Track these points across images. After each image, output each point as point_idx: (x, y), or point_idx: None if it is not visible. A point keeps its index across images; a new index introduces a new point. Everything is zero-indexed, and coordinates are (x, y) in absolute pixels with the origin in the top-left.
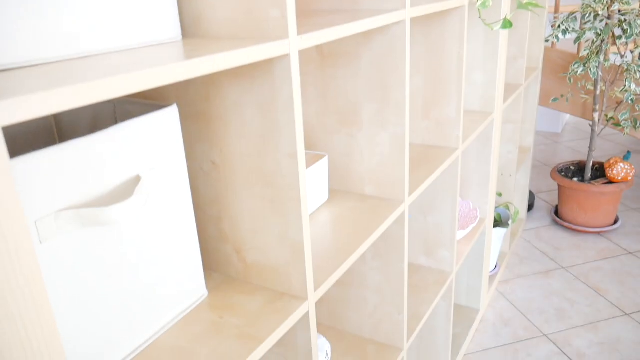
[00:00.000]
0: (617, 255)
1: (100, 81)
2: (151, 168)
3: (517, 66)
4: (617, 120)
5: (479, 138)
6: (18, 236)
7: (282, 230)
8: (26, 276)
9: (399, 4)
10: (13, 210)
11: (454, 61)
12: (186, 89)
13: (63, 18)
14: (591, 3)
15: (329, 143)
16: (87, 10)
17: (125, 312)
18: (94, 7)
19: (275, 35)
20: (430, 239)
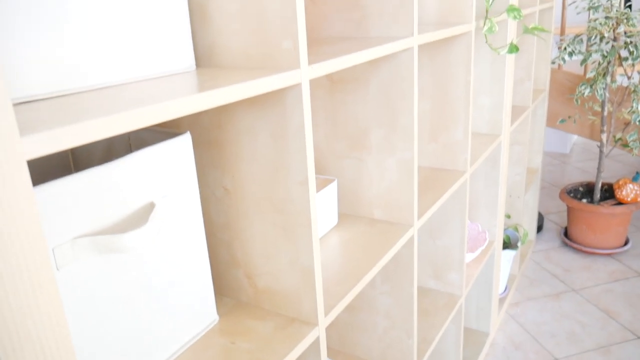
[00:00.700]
0: (628, 277)
1: (119, 115)
2: (165, 195)
3: (524, 88)
4: (625, 141)
5: (487, 160)
6: (39, 264)
7: (293, 255)
8: (46, 303)
9: (406, 32)
10: (36, 239)
11: (461, 85)
12: (199, 116)
13: (80, 50)
14: (597, 25)
15: (338, 167)
16: (103, 42)
17: (137, 337)
18: (110, 39)
19: (287, 65)
20: (440, 262)
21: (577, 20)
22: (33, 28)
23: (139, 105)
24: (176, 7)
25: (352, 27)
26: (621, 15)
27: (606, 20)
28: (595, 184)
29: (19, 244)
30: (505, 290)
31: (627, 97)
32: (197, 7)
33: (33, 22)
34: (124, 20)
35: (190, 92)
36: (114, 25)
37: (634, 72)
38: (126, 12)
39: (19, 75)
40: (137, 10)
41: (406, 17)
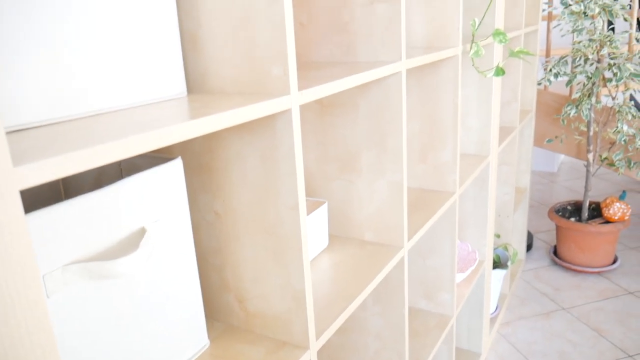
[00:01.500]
0: (618, 295)
1: (111, 144)
2: (156, 220)
3: (511, 109)
4: (611, 161)
5: (476, 181)
6: (30, 291)
7: (284, 279)
8: (37, 330)
9: (394, 56)
10: (28, 267)
11: (449, 107)
12: (190, 142)
13: (73, 78)
14: (581, 47)
15: (328, 189)
16: (96, 69)
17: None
18: (103, 67)
19: (278, 92)
20: (430, 283)
21: (562, 43)
22: (27, 57)
23: (131, 134)
24: (167, 34)
25: (341, 51)
26: (604, 37)
27: (590, 42)
28: (583, 203)
29: (11, 271)
30: (496, 310)
31: (612, 117)
32: (188, 35)
33: (27, 51)
34: (116, 48)
35: (182, 120)
36: (106, 54)
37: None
38: (118, 40)
39: (12, 103)
40: (129, 38)
41: (394, 42)
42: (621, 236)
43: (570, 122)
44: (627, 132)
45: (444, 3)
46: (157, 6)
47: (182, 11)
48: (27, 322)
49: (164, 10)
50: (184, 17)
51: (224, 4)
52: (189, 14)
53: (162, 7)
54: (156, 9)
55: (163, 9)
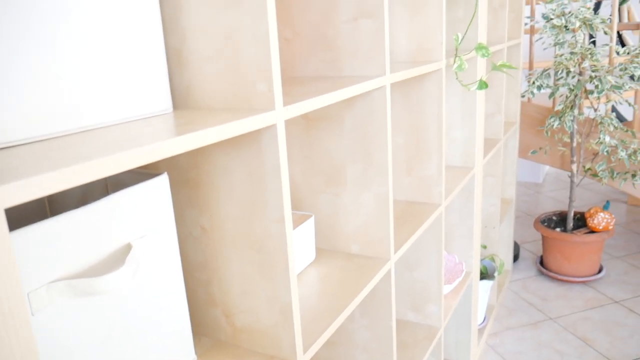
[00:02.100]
0: (603, 305)
1: (96, 162)
2: (142, 236)
3: (496, 122)
4: (595, 171)
5: (462, 192)
6: (15, 309)
7: (271, 293)
8: (22, 348)
9: (379, 71)
10: (12, 285)
11: (433, 120)
12: (176, 157)
13: (60, 95)
14: (563, 60)
15: (315, 202)
16: (81, 86)
17: None
18: (88, 83)
19: (263, 107)
20: (418, 295)
21: (545, 55)
22: (15, 74)
23: (117, 151)
24: (153, 51)
25: (326, 66)
26: (585, 50)
27: (571, 55)
28: (568, 213)
29: None
30: (484, 321)
31: (595, 128)
32: (174, 51)
33: (15, 69)
34: (103, 65)
35: (167, 136)
36: (93, 71)
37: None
38: (104, 57)
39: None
40: (114, 55)
41: (378, 57)
42: (606, 245)
43: (554, 134)
44: (609, 143)
45: (426, 18)
46: (142, 23)
47: (168, 27)
48: (11, 341)
49: (149, 27)
50: (169, 34)
51: (208, 20)
52: (174, 30)
53: (148, 24)
54: (141, 26)
55: (148, 26)
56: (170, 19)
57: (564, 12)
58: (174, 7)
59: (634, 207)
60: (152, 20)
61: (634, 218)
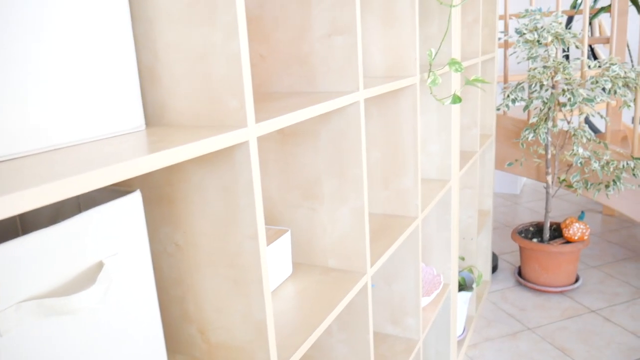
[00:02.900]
0: (580, 314)
1: (68, 180)
2: (114, 253)
3: (471, 134)
4: (569, 182)
5: (439, 205)
6: None
7: (246, 309)
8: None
9: (352, 87)
10: None
11: (409, 134)
12: (150, 173)
13: (30, 113)
14: (536, 74)
15: (291, 217)
16: (52, 104)
17: None
18: (60, 101)
19: (235, 124)
20: (396, 307)
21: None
22: None
23: (88, 169)
24: (125, 69)
25: (301, 82)
26: (558, 64)
27: (544, 69)
28: (544, 224)
29: None
30: (463, 332)
31: (568, 140)
32: (146, 69)
33: None
34: (74, 83)
35: (139, 154)
36: (64, 89)
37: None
38: (74, 74)
39: None
40: (86, 73)
41: (351, 72)
42: (582, 255)
43: (529, 146)
44: (583, 154)
45: (400, 34)
46: (113, 41)
47: (140, 45)
48: None
49: (120, 45)
50: (142, 51)
51: (181, 38)
52: (146, 48)
53: (119, 42)
54: (113, 44)
55: (120, 44)
56: (142, 37)
57: (537, 27)
58: (146, 25)
59: (608, 217)
60: (123, 38)
61: (609, 228)
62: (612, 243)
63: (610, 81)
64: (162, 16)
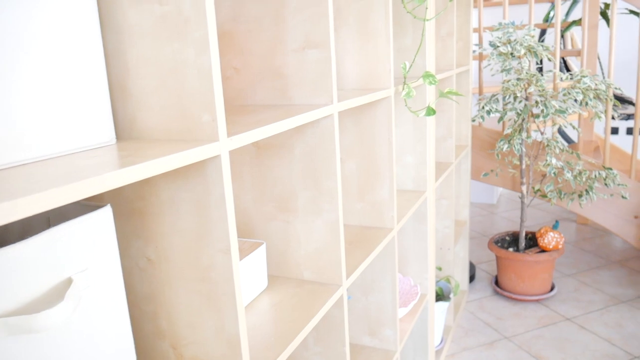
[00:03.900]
0: (556, 322)
1: (35, 196)
2: (84, 269)
3: (447, 146)
4: (544, 192)
5: (415, 216)
6: None
7: (219, 324)
8: None
9: (326, 100)
10: None
11: (384, 146)
12: (121, 187)
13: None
14: (510, 86)
15: (266, 230)
16: (18, 118)
17: None
18: (28, 115)
19: (207, 138)
20: (373, 319)
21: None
22: None
23: (57, 185)
24: (95, 83)
25: (275, 95)
26: (531, 76)
27: (518, 81)
28: (520, 233)
29: None
30: (441, 342)
31: (542, 151)
32: (117, 82)
33: None
34: (42, 97)
35: (109, 169)
36: (32, 103)
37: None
38: (43, 88)
39: None
40: (54, 88)
41: (325, 85)
42: (557, 264)
43: (504, 156)
44: (556, 165)
45: (374, 47)
46: (83, 56)
47: (111, 60)
48: None
49: (90, 59)
50: (113, 66)
51: (152, 53)
52: (117, 62)
53: (88, 57)
54: (82, 58)
55: (89, 58)
56: (113, 52)
57: (510, 40)
58: (116, 40)
59: (583, 225)
60: (93, 53)
61: (583, 236)
62: (586, 251)
63: (581, 93)
64: (133, 31)
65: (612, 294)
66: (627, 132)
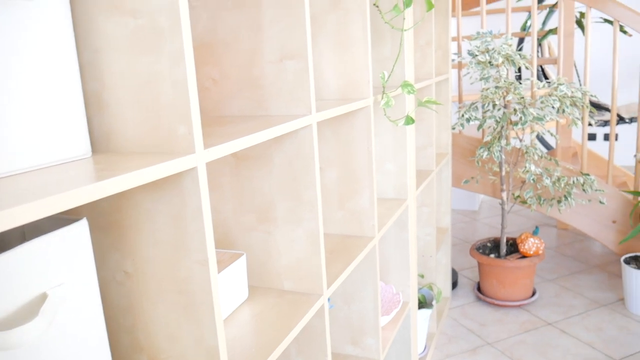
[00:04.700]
0: (538, 327)
1: (9, 210)
2: (59, 284)
3: (427, 154)
4: (523, 199)
5: (396, 224)
6: None
7: (197, 336)
8: None
9: (305, 110)
10: None
11: (364, 155)
12: (98, 200)
13: None
14: (489, 94)
15: (246, 240)
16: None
17: None
18: (1, 130)
19: (183, 150)
20: (356, 327)
21: (474, 89)
22: None
23: (31, 199)
24: (69, 97)
25: (253, 105)
26: (509, 84)
27: (496, 89)
28: (501, 240)
29: None
30: (424, 350)
31: (521, 158)
32: (93, 95)
33: None
34: (14, 111)
35: (84, 183)
36: (6, 117)
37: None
38: (18, 102)
39: None
40: (29, 101)
41: (303, 96)
42: (538, 269)
43: (484, 164)
44: (535, 171)
45: (353, 57)
46: (57, 69)
47: (86, 73)
48: None
49: (65, 72)
50: (88, 79)
51: (127, 66)
52: (93, 75)
53: (63, 70)
54: (57, 71)
55: (64, 72)
56: (88, 65)
57: (488, 49)
58: (92, 53)
59: (563, 230)
60: (68, 67)
61: (563, 241)
62: (567, 256)
63: (558, 100)
64: (108, 44)
65: (593, 298)
66: (604, 138)
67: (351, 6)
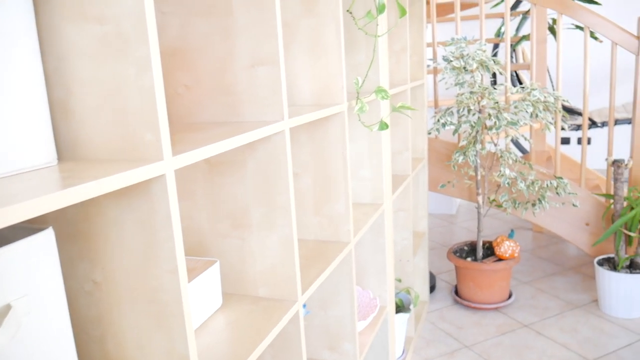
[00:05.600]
0: (514, 329)
1: None
2: (24, 295)
3: (403, 158)
4: (499, 202)
5: (372, 228)
6: None
7: (169, 345)
8: None
9: (277, 116)
10: None
11: (339, 160)
12: (65, 209)
13: None
14: (464, 99)
15: (221, 247)
16: None
17: None
18: None
19: (151, 157)
20: (333, 333)
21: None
22: None
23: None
24: (34, 104)
25: (226, 112)
26: (483, 90)
27: (471, 94)
28: (477, 243)
29: None
30: (403, 354)
31: (496, 162)
32: (58, 102)
33: None
34: None
35: (48, 191)
36: None
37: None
38: None
39: None
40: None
41: (276, 102)
42: (514, 272)
43: (460, 168)
44: (509, 175)
45: (327, 64)
46: (20, 76)
47: (51, 80)
48: None
49: (28, 79)
50: (54, 86)
51: (94, 73)
52: (58, 82)
53: (27, 77)
54: (19, 78)
55: (28, 79)
56: (54, 72)
57: (462, 55)
58: (57, 60)
59: (538, 233)
60: (32, 74)
61: (538, 244)
62: (542, 259)
63: (532, 105)
64: (73, 52)
65: (567, 300)
66: (578, 142)
67: (324, 12)
